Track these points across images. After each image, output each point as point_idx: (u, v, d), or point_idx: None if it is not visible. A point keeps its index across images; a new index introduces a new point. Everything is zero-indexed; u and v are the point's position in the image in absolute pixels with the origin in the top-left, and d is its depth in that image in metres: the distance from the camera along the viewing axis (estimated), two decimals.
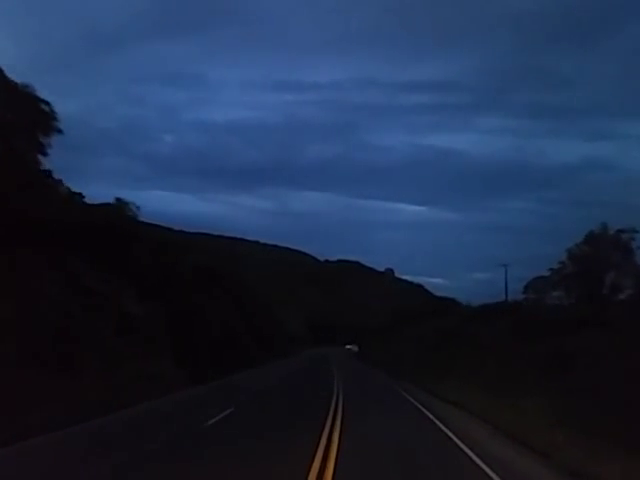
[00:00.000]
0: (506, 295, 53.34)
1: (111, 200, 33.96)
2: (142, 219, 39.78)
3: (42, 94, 24.26)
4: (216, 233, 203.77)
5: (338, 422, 16.94)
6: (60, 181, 29.20)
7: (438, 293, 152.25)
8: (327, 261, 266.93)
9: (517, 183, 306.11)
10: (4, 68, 23.08)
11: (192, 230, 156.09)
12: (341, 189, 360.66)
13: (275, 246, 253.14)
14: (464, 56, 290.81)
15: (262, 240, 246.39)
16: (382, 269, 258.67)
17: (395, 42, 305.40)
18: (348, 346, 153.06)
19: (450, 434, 15.51)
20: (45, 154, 24.32)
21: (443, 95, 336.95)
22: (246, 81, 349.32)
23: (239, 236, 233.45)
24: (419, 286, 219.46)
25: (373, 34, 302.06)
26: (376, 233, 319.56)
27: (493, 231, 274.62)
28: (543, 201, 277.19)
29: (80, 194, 31.76)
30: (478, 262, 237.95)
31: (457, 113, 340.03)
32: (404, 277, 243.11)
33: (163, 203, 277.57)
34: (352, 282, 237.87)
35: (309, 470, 10.30)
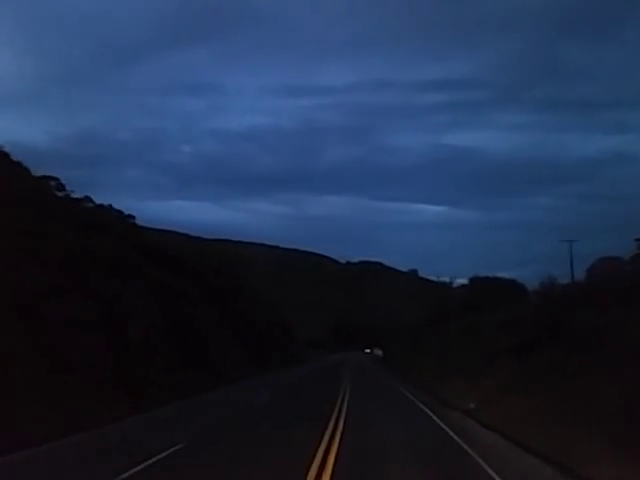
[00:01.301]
0: (572, 276, 41.05)
1: None
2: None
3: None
4: (235, 239, 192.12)
5: None
6: None
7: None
8: (349, 263, 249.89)
9: (538, 179, 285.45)
10: None
11: (211, 237, 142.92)
12: (360, 192, 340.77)
13: (295, 250, 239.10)
14: (480, 52, 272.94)
15: (282, 245, 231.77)
16: (405, 270, 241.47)
17: (410, 42, 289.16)
18: (367, 350, 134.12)
19: None
20: None
21: (460, 93, 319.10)
22: (262, 87, 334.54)
23: (258, 241, 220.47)
24: (445, 285, 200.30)
25: (387, 35, 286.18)
26: (397, 235, 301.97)
27: (515, 229, 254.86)
28: (565, 196, 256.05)
29: None
30: (502, 261, 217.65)
31: (475, 110, 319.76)
32: (428, 277, 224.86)
33: (184, 212, 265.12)
34: (375, 283, 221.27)
35: None
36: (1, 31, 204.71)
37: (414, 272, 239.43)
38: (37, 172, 34.35)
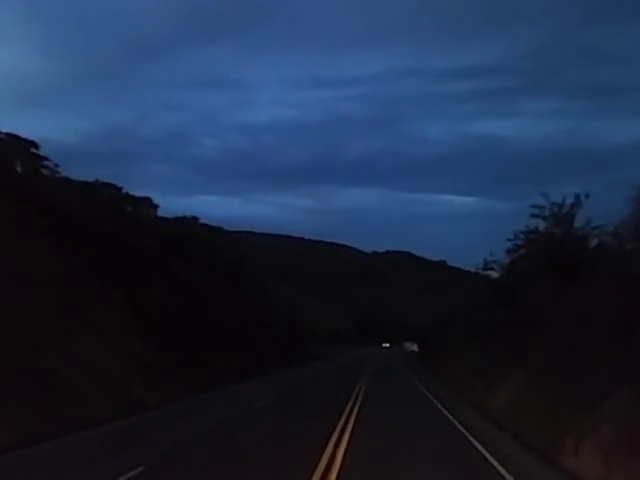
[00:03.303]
0: None
1: None
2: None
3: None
4: (259, 231, 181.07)
5: None
6: None
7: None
8: (375, 253, 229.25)
9: (569, 167, 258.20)
10: None
11: (234, 229, 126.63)
12: (386, 183, 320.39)
13: (321, 242, 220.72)
14: (508, 39, 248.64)
15: (307, 236, 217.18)
16: (435, 260, 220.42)
17: (435, 29, 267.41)
18: (385, 344, 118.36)
19: None
20: None
21: (488, 80, 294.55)
22: (285, 80, 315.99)
23: (284, 233, 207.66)
24: (476, 275, 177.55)
25: (412, 23, 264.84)
26: (425, 226, 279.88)
27: None
28: (598, 185, 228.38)
29: None
30: None
31: (503, 98, 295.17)
32: (458, 267, 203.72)
33: (210, 207, 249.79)
34: (402, 273, 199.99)
35: None
36: (27, 31, 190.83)
37: (443, 262, 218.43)
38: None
